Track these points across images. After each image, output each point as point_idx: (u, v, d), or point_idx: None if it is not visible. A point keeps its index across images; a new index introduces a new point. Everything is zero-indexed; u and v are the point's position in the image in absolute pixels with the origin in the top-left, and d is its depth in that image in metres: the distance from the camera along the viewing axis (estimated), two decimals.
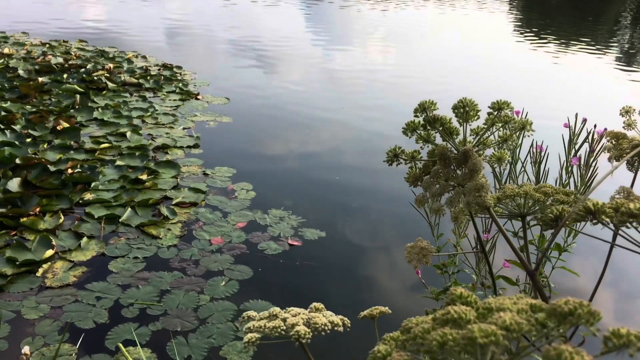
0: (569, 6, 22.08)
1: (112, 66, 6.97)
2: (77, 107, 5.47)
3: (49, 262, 3.02)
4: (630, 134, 0.86)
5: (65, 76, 6.42)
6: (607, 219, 0.50)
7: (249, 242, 3.43)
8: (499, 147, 0.66)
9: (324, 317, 0.65)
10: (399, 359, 0.35)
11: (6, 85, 5.97)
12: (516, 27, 15.38)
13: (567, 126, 1.80)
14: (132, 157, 4.45)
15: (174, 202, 3.80)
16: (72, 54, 7.69)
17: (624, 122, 0.87)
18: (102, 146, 4.60)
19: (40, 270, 2.95)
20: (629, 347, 0.33)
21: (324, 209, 4.01)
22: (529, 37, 13.28)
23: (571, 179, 1.70)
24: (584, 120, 1.82)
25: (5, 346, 2.40)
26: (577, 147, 1.74)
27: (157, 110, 5.74)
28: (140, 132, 5.02)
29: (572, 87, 8.43)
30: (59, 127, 4.82)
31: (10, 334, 2.49)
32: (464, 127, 0.65)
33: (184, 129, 5.31)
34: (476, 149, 0.62)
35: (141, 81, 6.63)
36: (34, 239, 3.16)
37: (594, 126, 1.70)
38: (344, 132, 5.72)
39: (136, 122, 5.32)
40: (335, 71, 8.47)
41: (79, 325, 2.58)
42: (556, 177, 1.82)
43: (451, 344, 0.32)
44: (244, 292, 2.94)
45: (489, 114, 0.65)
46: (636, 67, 10.34)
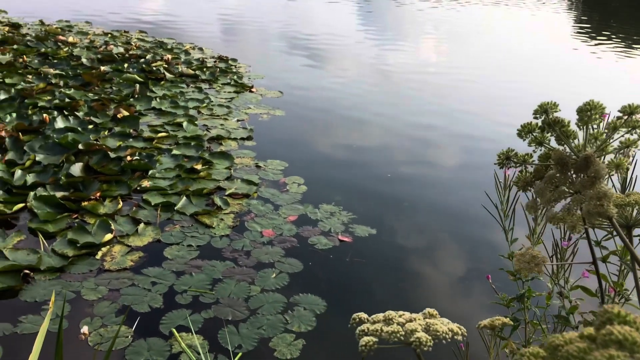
0: (629, 6, 21.16)
1: (170, 57, 7.13)
2: (136, 96, 5.63)
3: (108, 246, 3.12)
4: None
5: (125, 66, 6.61)
6: None
7: (300, 235, 3.44)
8: (619, 153, 0.63)
9: (442, 324, 0.63)
10: None
11: (70, 73, 6.20)
12: (577, 28, 14.85)
13: None
14: (188, 146, 4.54)
15: (227, 193, 3.86)
16: (133, 44, 7.91)
17: None
18: (160, 135, 4.71)
19: (99, 253, 3.05)
20: None
21: (375, 206, 3.98)
22: (590, 38, 12.81)
23: None
24: None
25: (65, 325, 2.49)
26: None
27: (212, 101, 5.84)
28: (196, 122, 5.12)
29: None
30: (119, 115, 4.97)
31: (70, 313, 2.59)
32: (584, 131, 0.62)
33: (238, 120, 5.38)
34: (596, 154, 0.60)
35: (197, 72, 6.76)
36: (94, 223, 3.27)
37: None
38: (396, 130, 5.67)
39: (192, 112, 5.43)
40: (389, 70, 8.40)
41: (134, 308, 2.66)
42: None
43: None
44: (294, 285, 2.96)
45: (617, 118, 0.62)
46: None
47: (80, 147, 4.17)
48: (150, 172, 4.00)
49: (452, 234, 3.69)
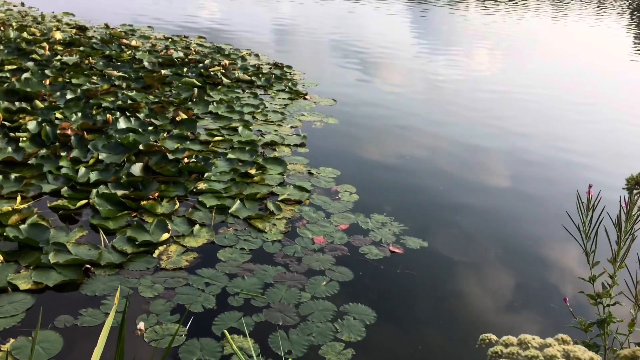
0: None
1: (227, 63, 7.28)
2: (194, 99, 5.77)
3: (165, 245, 3.21)
4: None
5: (185, 70, 6.80)
6: None
7: (351, 244, 3.45)
8: None
9: (581, 351, 0.62)
10: None
11: (132, 75, 6.41)
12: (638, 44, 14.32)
13: None
14: (243, 151, 4.62)
15: (279, 199, 3.90)
16: (192, 49, 8.12)
17: None
18: (216, 139, 4.81)
19: (156, 252, 3.14)
20: None
21: (427, 218, 3.95)
22: None
23: None
24: None
25: (119, 319, 2.57)
26: None
27: (267, 107, 5.93)
28: (250, 127, 5.20)
29: None
30: (177, 118, 5.11)
31: (127, 309, 2.67)
32: None
33: (292, 127, 5.44)
34: None
35: (253, 78, 6.88)
36: (152, 222, 3.37)
37: None
38: (448, 143, 5.60)
39: (247, 117, 5.52)
40: (443, 82, 8.31)
41: (188, 308, 2.72)
42: None
43: None
44: (344, 294, 2.96)
45: None
46: None
47: (140, 147, 4.31)
48: (206, 174, 4.09)
49: (507, 251, 3.61)
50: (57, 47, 7.31)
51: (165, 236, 3.25)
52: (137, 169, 3.98)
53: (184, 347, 2.47)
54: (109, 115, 4.85)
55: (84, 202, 3.55)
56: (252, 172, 4.22)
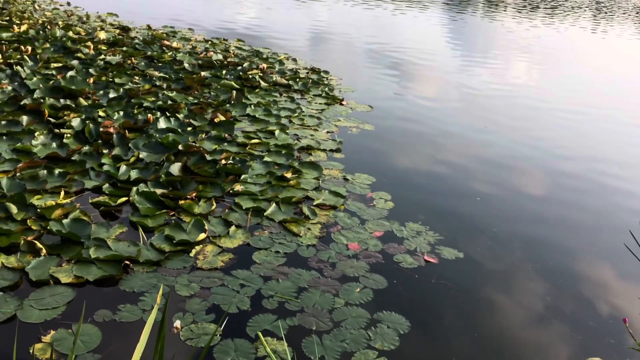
0: None
1: (265, 66, 7.35)
2: (232, 102, 5.84)
3: (201, 245, 3.25)
4: None
5: (224, 72, 6.89)
6: None
7: (385, 252, 3.43)
8: None
9: None
10: None
11: (173, 76, 6.53)
12: None
13: None
14: (279, 154, 4.65)
15: (314, 203, 3.91)
16: (231, 52, 8.22)
17: None
18: (253, 141, 4.86)
19: (193, 251, 3.18)
20: None
21: (463, 229, 3.90)
22: None
23: None
24: None
25: (159, 317, 2.61)
26: None
27: (303, 111, 5.96)
28: (287, 131, 5.24)
29: None
30: (215, 120, 5.18)
31: (163, 306, 2.71)
32: None
33: (328, 132, 5.45)
34: None
35: (291, 82, 6.92)
36: (189, 222, 3.42)
37: None
38: (485, 155, 5.53)
39: (284, 121, 5.56)
40: (479, 91, 8.22)
41: (223, 308, 2.75)
42: None
43: None
44: (378, 301, 2.95)
45: None
46: None
47: (179, 147, 4.38)
48: (242, 176, 4.13)
49: (543, 266, 3.54)
50: (101, 46, 7.49)
51: (202, 236, 3.29)
52: (176, 168, 4.05)
53: (219, 347, 2.49)
54: (149, 114, 4.94)
55: (124, 199, 3.62)
56: (288, 175, 4.24)
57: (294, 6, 15.99)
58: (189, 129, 4.92)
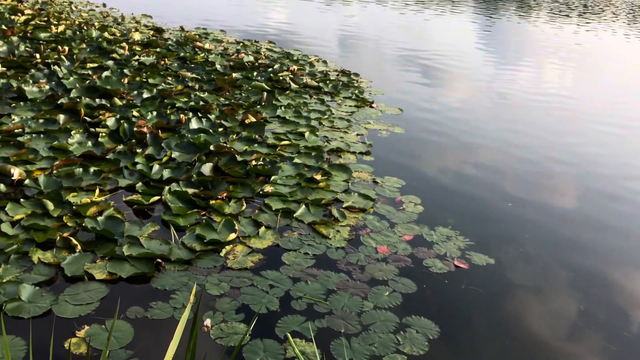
0: None
1: (296, 68, 7.38)
2: (263, 103, 5.88)
3: (231, 245, 3.28)
4: None
5: (254, 74, 6.94)
6: None
7: (414, 256, 3.41)
8: None
9: None
10: None
11: (205, 77, 6.61)
12: None
13: None
14: (309, 156, 4.66)
15: (344, 206, 3.91)
16: (262, 53, 8.28)
17: None
18: (283, 143, 4.88)
19: (223, 251, 3.22)
20: None
21: (494, 235, 3.85)
22: None
23: None
24: None
25: (190, 315, 2.64)
26: None
27: (333, 114, 5.96)
28: (317, 133, 5.25)
29: None
30: (246, 121, 5.22)
31: (195, 305, 2.74)
32: None
33: (358, 135, 5.45)
34: None
35: (321, 85, 6.93)
36: (220, 222, 3.45)
37: None
38: (516, 161, 5.43)
39: (314, 123, 5.57)
40: (511, 95, 8.10)
41: (253, 308, 2.77)
42: None
43: None
44: (407, 306, 2.93)
45: None
46: None
47: (211, 148, 4.43)
48: (272, 177, 4.15)
49: (575, 275, 3.47)
50: (135, 47, 7.62)
51: (232, 236, 3.32)
52: (207, 168, 4.09)
53: (248, 347, 2.51)
54: (182, 115, 5.01)
55: (156, 198, 3.68)
56: (318, 177, 4.25)
57: (325, 9, 16.02)
58: (220, 129, 4.97)
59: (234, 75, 6.71)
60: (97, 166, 3.99)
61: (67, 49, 6.87)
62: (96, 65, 6.49)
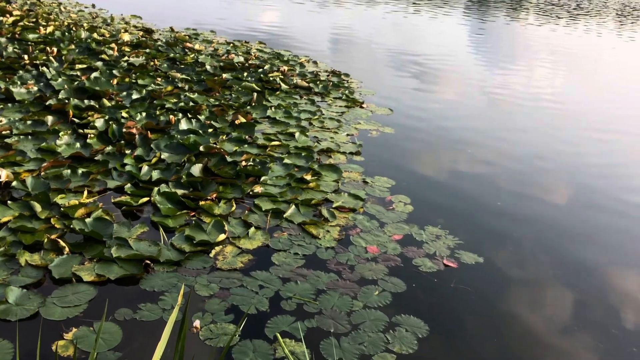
0: None
1: (286, 69, 7.37)
2: (253, 104, 5.88)
3: (221, 246, 3.28)
4: None
5: (245, 74, 6.93)
6: None
7: (404, 255, 3.42)
8: None
9: None
10: None
11: (195, 78, 6.59)
12: None
13: None
14: (299, 156, 4.66)
15: (334, 206, 3.92)
16: (252, 54, 8.27)
17: None
18: (273, 143, 4.88)
19: (212, 252, 3.21)
20: None
21: (483, 233, 3.87)
22: None
23: None
24: None
25: (179, 317, 2.63)
26: None
27: (323, 114, 5.97)
28: (307, 133, 5.25)
29: None
30: (236, 121, 5.21)
31: (183, 306, 2.73)
32: None
33: (348, 135, 5.45)
34: None
35: (311, 85, 6.94)
36: (209, 222, 3.44)
37: None
38: (506, 160, 5.46)
39: (304, 123, 5.57)
40: (500, 95, 8.13)
41: (242, 309, 2.76)
42: None
43: None
44: (396, 305, 2.94)
45: None
46: None
47: (200, 148, 4.41)
48: (262, 178, 4.15)
49: (565, 273, 3.50)
50: (124, 48, 7.59)
51: (221, 237, 3.31)
52: (196, 169, 4.08)
53: (237, 347, 2.51)
54: (171, 116, 5.00)
55: (145, 199, 3.66)
56: (308, 177, 4.25)
57: (315, 10, 16.03)
58: (210, 130, 4.96)
59: (224, 75, 6.70)
60: (86, 168, 3.97)
61: (55, 50, 6.83)
62: (85, 66, 6.46)
